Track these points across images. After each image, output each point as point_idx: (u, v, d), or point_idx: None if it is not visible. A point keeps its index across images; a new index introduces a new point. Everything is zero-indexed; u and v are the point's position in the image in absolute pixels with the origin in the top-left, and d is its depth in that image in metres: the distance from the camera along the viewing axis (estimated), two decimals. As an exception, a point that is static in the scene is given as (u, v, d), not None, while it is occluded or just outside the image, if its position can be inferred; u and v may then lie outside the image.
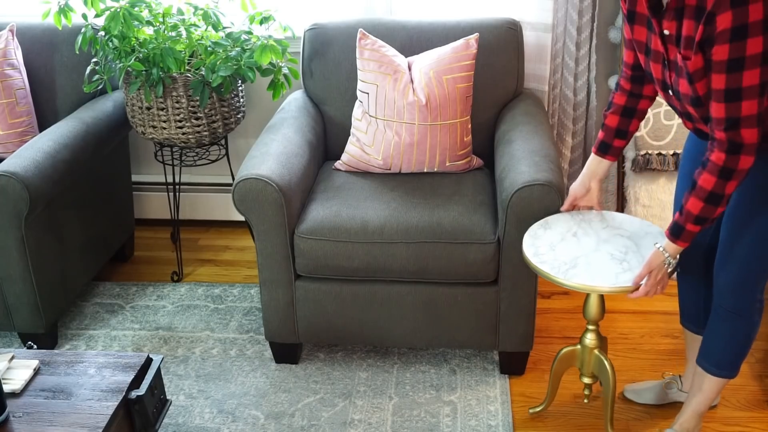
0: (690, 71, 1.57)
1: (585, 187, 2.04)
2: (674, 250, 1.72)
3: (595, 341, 2.02)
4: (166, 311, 2.72)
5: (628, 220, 2.03)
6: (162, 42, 2.44)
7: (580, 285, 1.77)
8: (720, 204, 1.62)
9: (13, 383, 1.73)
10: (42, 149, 2.34)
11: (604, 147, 1.99)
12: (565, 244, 1.91)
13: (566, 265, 1.82)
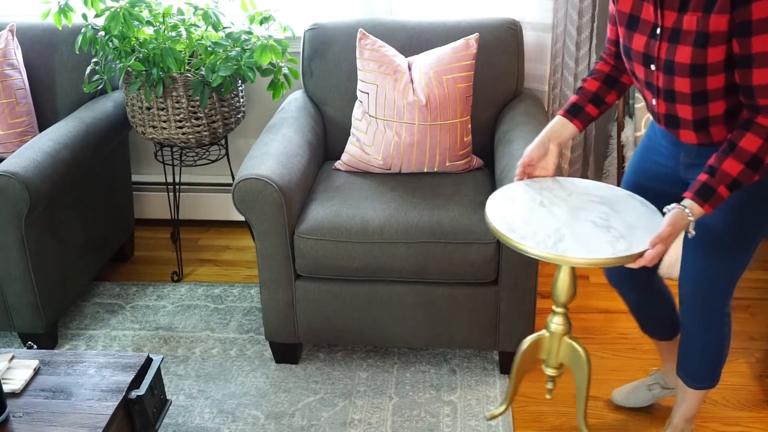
0: (711, 31, 1.48)
1: (544, 148, 1.83)
2: (699, 213, 1.56)
3: (564, 326, 1.82)
4: (166, 311, 2.72)
5: (591, 185, 1.85)
6: (162, 42, 2.44)
7: (577, 259, 1.54)
8: (757, 171, 1.51)
9: (13, 383, 1.73)
10: (42, 149, 2.34)
11: (575, 109, 1.83)
12: (538, 216, 1.69)
13: (551, 238, 1.60)
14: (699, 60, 1.51)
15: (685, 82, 1.55)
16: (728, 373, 2.34)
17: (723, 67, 1.50)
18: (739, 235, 1.70)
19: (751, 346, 2.47)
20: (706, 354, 1.88)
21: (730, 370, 2.36)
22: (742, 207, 1.66)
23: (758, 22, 1.41)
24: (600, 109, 1.85)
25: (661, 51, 1.56)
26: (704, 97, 1.56)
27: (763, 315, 2.62)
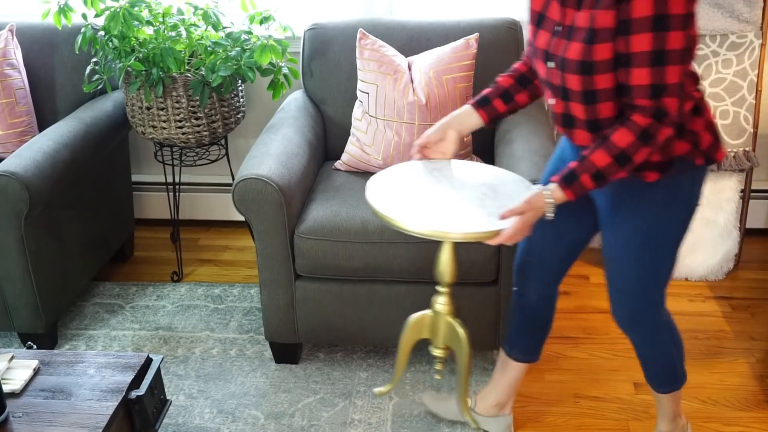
0: (597, 28, 1.46)
1: (441, 133, 1.82)
2: (560, 198, 1.58)
3: (449, 306, 1.82)
4: (166, 311, 2.72)
5: (484, 168, 1.87)
6: (162, 42, 2.44)
7: (432, 232, 1.58)
8: (624, 167, 1.51)
9: (12, 383, 1.73)
10: (42, 149, 2.34)
11: (484, 101, 1.81)
12: (417, 193, 1.72)
13: (419, 213, 1.64)
14: (586, 56, 1.49)
15: (576, 80, 1.53)
16: (728, 373, 2.34)
17: (611, 66, 1.49)
18: (657, 240, 1.68)
19: (751, 346, 2.47)
20: (658, 361, 1.89)
21: (730, 370, 2.36)
22: (653, 212, 1.65)
23: (638, 20, 1.40)
24: (508, 106, 1.83)
25: (558, 48, 1.56)
26: (594, 97, 1.54)
27: (763, 315, 2.62)
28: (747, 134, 2.68)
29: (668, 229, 1.68)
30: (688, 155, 1.60)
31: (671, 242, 1.70)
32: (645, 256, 1.70)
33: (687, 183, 1.65)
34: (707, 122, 1.62)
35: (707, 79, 2.64)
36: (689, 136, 1.59)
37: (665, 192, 1.64)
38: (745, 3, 2.56)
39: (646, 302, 1.77)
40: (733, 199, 2.75)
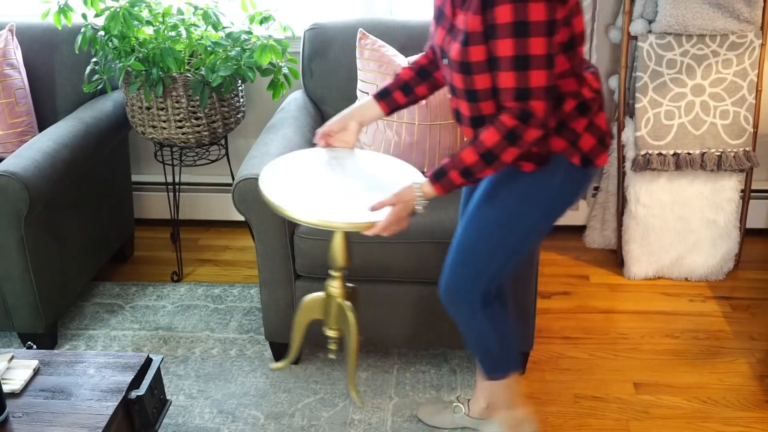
0: (469, 31, 1.50)
1: (342, 124, 1.86)
2: (429, 193, 1.63)
3: (341, 289, 1.87)
4: (165, 311, 2.72)
5: (381, 158, 1.90)
6: (162, 42, 2.44)
7: (316, 221, 1.62)
8: (491, 165, 1.56)
9: (12, 383, 1.73)
10: (42, 149, 2.34)
11: (385, 92, 1.85)
12: (308, 181, 1.76)
13: (305, 201, 1.67)
14: (463, 57, 1.53)
15: (459, 78, 1.58)
16: (728, 373, 2.34)
17: (486, 67, 1.52)
18: (504, 226, 1.70)
19: (751, 346, 2.47)
20: (475, 344, 1.89)
21: (730, 370, 2.36)
22: (512, 198, 1.69)
23: (501, 26, 1.44)
24: (408, 98, 1.86)
25: (448, 46, 1.59)
26: (475, 95, 1.58)
27: (763, 315, 2.62)
28: (747, 134, 2.68)
29: (521, 219, 1.70)
30: (564, 152, 1.63)
31: (519, 234, 1.72)
32: (485, 236, 1.72)
33: (558, 180, 1.67)
34: (592, 124, 1.64)
35: (707, 79, 2.65)
36: (568, 133, 1.62)
37: (532, 183, 1.67)
38: (745, 3, 2.56)
39: (466, 283, 1.77)
40: (733, 199, 2.75)
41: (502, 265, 1.76)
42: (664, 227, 2.78)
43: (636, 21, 2.64)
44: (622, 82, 2.75)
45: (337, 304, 1.89)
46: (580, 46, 1.57)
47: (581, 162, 1.65)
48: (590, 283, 2.84)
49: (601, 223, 3.03)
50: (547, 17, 1.42)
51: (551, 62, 1.47)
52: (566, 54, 1.54)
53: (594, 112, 1.65)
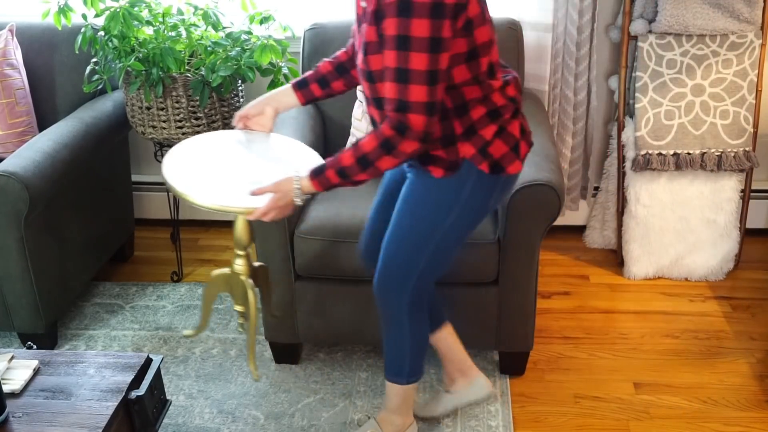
0: (367, 40, 1.54)
1: (259, 109, 1.90)
2: (307, 187, 1.66)
3: (245, 268, 1.95)
4: (166, 311, 2.72)
5: (293, 146, 1.95)
6: (162, 42, 2.44)
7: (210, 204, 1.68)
8: (365, 170, 1.58)
9: (12, 383, 1.73)
10: (42, 149, 2.34)
11: (303, 82, 1.89)
12: (211, 163, 1.82)
13: (204, 184, 1.73)
14: (365, 65, 1.58)
15: (365, 86, 1.63)
16: (728, 373, 2.34)
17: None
18: (422, 232, 1.73)
19: (751, 346, 2.47)
20: (389, 344, 1.92)
21: (730, 370, 2.36)
22: (429, 205, 1.71)
23: (388, 37, 1.47)
24: (324, 92, 1.89)
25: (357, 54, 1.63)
26: (380, 103, 1.61)
27: (763, 315, 2.62)
28: (747, 134, 2.68)
29: (434, 226, 1.72)
30: (473, 159, 1.65)
31: (434, 240, 1.74)
32: (404, 241, 1.76)
33: (468, 187, 1.68)
34: (503, 131, 1.66)
35: (707, 79, 2.65)
36: (477, 140, 1.64)
37: (443, 190, 1.69)
38: (745, 3, 2.56)
39: (395, 284, 1.81)
40: (733, 199, 2.75)
41: (424, 270, 1.79)
42: (664, 227, 2.78)
43: (636, 21, 2.64)
44: (622, 82, 2.75)
45: (241, 283, 1.96)
46: (485, 57, 1.58)
47: (491, 169, 1.67)
48: (590, 283, 2.84)
49: (601, 223, 3.03)
50: (431, 34, 1.43)
51: (435, 78, 1.48)
52: (468, 64, 1.56)
53: (506, 119, 1.67)
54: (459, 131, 1.63)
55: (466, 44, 1.53)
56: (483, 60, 1.58)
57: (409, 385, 1.98)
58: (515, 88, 1.69)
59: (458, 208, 1.71)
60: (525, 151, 1.72)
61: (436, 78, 1.48)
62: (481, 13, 1.55)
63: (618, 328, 2.58)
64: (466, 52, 1.54)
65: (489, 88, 1.62)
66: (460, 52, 1.53)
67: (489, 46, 1.58)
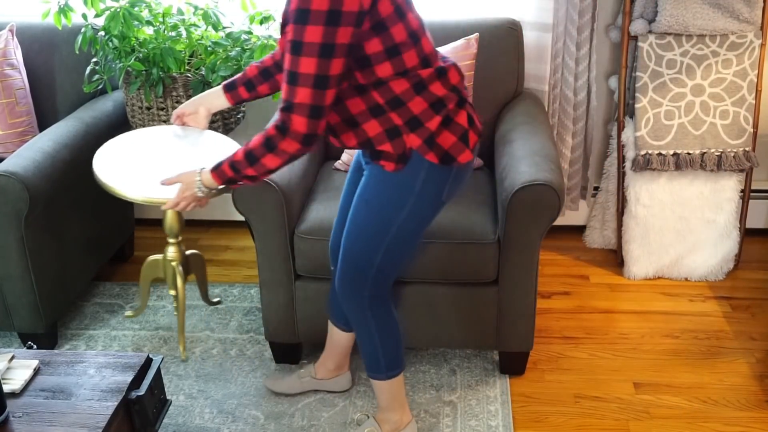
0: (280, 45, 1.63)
1: (193, 108, 2.04)
2: (207, 180, 1.75)
3: (176, 255, 2.17)
4: (166, 311, 2.72)
5: (222, 142, 2.06)
6: (162, 42, 2.44)
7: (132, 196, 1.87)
8: (252, 166, 1.65)
9: (12, 383, 1.73)
10: (42, 149, 2.34)
11: (231, 85, 1.99)
12: (145, 157, 2.00)
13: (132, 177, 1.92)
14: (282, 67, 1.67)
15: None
16: (728, 373, 2.34)
17: None
18: (378, 227, 1.76)
19: (751, 346, 2.47)
20: (362, 341, 1.95)
21: (730, 370, 2.36)
22: (383, 199, 1.74)
23: (288, 41, 1.53)
24: (251, 94, 1.98)
25: None
26: None
27: (763, 315, 2.62)
28: (747, 134, 2.69)
29: (389, 220, 1.75)
30: (420, 149, 1.67)
31: (390, 235, 1.77)
32: (360, 237, 1.79)
33: (420, 179, 1.71)
34: (450, 121, 1.68)
35: (707, 79, 2.65)
36: (422, 131, 1.66)
37: (396, 183, 1.72)
38: (745, 3, 2.56)
39: (354, 281, 1.85)
40: (733, 199, 2.75)
41: (381, 264, 1.81)
42: (664, 227, 2.78)
43: (636, 21, 2.64)
44: (622, 82, 2.75)
45: (172, 268, 2.19)
46: (409, 51, 1.60)
47: (440, 160, 1.69)
48: (590, 283, 2.84)
49: (601, 223, 3.03)
50: (323, 41, 1.49)
51: (322, 83, 1.53)
52: (391, 60, 1.59)
53: (450, 109, 1.69)
54: (400, 123, 1.66)
55: (381, 42, 1.57)
56: (408, 55, 1.61)
57: (392, 379, 1.99)
58: (456, 76, 1.71)
59: (412, 200, 1.73)
60: (474, 140, 1.74)
61: (325, 83, 1.53)
62: (397, 11, 1.57)
63: (618, 328, 2.58)
64: (384, 50, 1.58)
65: (417, 78, 1.64)
66: (377, 50, 1.57)
67: (414, 41, 1.61)
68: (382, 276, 1.84)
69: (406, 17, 1.60)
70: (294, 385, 2.27)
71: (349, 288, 1.87)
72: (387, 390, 2.02)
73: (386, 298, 1.90)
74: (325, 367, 2.25)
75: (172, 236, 2.19)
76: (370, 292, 1.86)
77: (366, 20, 1.52)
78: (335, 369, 2.25)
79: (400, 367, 2.00)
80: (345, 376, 2.27)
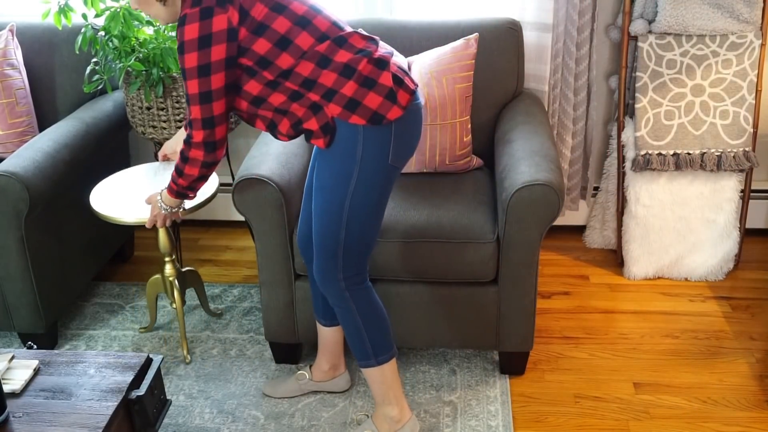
0: None
1: (173, 147, 2.30)
2: (165, 198, 2.00)
3: (171, 271, 2.41)
4: (166, 311, 2.72)
5: None
6: (162, 42, 2.44)
7: (110, 216, 2.18)
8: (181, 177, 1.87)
9: (13, 383, 1.73)
10: (42, 149, 2.34)
11: None
12: (133, 189, 2.33)
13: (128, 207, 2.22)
14: None
15: None
16: (728, 373, 2.34)
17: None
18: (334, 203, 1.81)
19: (751, 346, 2.47)
20: (347, 328, 1.98)
21: (730, 370, 2.36)
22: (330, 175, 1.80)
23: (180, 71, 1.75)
24: None
25: None
26: None
27: (763, 315, 2.62)
28: (747, 134, 2.69)
29: (343, 194, 1.80)
30: (341, 115, 1.74)
31: (350, 209, 1.81)
32: (324, 220, 1.84)
33: (360, 144, 1.76)
34: (370, 83, 1.73)
35: (707, 79, 2.65)
36: (339, 99, 1.73)
37: (339, 156, 1.78)
38: (745, 3, 2.56)
39: (326, 264, 1.89)
40: (733, 199, 2.75)
41: (348, 243, 1.85)
42: (664, 227, 2.78)
43: (636, 21, 2.64)
44: (622, 82, 2.75)
45: (170, 283, 2.43)
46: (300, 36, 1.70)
47: (368, 120, 1.74)
48: (590, 283, 2.84)
49: (601, 223, 3.03)
50: (198, 63, 1.66)
51: (207, 97, 1.71)
52: (287, 50, 1.70)
53: (366, 72, 1.73)
54: (317, 98, 1.74)
55: (268, 40, 1.69)
56: (301, 39, 1.70)
57: (383, 365, 1.98)
58: (360, 40, 1.76)
59: (356, 168, 1.77)
60: (406, 98, 1.77)
61: (209, 97, 1.71)
62: (274, 8, 1.69)
63: (618, 328, 2.58)
64: (274, 45, 1.69)
65: (318, 55, 1.72)
66: (268, 48, 1.69)
67: (303, 25, 1.71)
68: (351, 254, 1.86)
69: (288, 8, 1.71)
70: (292, 389, 2.27)
71: (324, 275, 1.90)
72: (380, 379, 2.00)
73: (363, 279, 1.93)
74: (321, 369, 2.26)
75: (167, 255, 2.39)
76: (343, 273, 1.89)
77: (241, 30, 1.66)
78: (330, 369, 2.26)
79: (390, 351, 1.99)
80: (343, 377, 2.28)
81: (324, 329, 2.20)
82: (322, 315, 2.17)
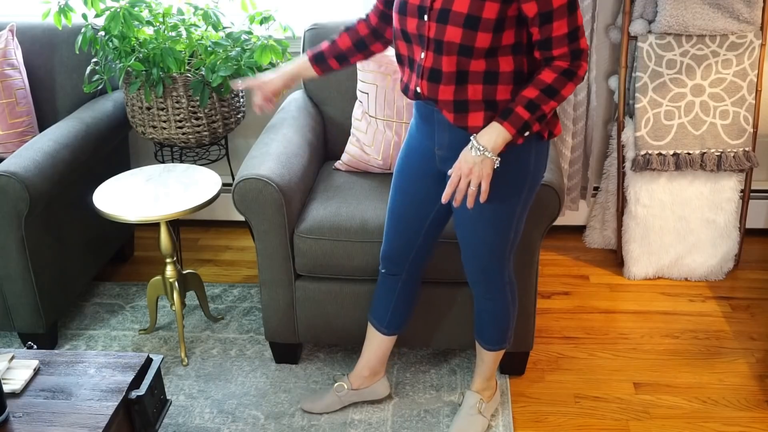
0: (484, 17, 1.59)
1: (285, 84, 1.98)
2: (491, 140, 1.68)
3: (172, 272, 2.41)
4: (166, 311, 2.72)
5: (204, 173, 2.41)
6: (162, 42, 2.44)
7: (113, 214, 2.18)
8: (553, 98, 1.66)
9: (13, 383, 1.73)
10: (42, 149, 2.34)
11: (321, 58, 1.96)
12: (135, 190, 2.32)
13: (131, 206, 2.22)
14: (477, 12, 1.59)
15: (457, 33, 1.62)
16: (728, 373, 2.34)
17: (493, 27, 1.60)
18: (498, 207, 1.79)
19: (751, 346, 2.47)
20: (494, 319, 2.02)
21: (730, 370, 2.36)
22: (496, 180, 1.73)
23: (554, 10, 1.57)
24: (342, 65, 1.98)
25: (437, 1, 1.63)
26: (470, 52, 1.63)
27: (763, 315, 2.63)
28: (747, 134, 2.69)
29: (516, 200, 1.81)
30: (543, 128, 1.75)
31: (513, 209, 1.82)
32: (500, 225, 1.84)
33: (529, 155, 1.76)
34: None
35: (707, 79, 2.65)
36: None
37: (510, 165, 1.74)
38: (745, 3, 2.56)
39: (498, 265, 1.92)
40: (732, 199, 2.75)
41: (515, 241, 1.91)
42: (664, 227, 2.78)
43: (636, 21, 2.64)
44: (622, 82, 2.75)
45: (170, 285, 2.43)
46: None
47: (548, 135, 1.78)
48: (590, 283, 2.84)
49: (601, 223, 3.03)
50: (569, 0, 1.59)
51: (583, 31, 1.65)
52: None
53: None
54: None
55: None
56: None
57: None
58: None
59: (529, 180, 1.80)
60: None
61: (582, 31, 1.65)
62: None
63: (618, 328, 2.58)
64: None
65: None
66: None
67: None
68: (514, 248, 1.93)
69: None
70: (333, 403, 2.21)
71: (495, 276, 1.94)
72: (496, 359, 2.11)
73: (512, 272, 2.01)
74: (361, 376, 2.20)
75: (168, 257, 2.39)
76: (508, 269, 1.96)
77: None
78: (371, 376, 2.20)
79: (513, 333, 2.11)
80: (382, 383, 2.23)
81: (381, 337, 2.14)
82: (387, 324, 2.12)
